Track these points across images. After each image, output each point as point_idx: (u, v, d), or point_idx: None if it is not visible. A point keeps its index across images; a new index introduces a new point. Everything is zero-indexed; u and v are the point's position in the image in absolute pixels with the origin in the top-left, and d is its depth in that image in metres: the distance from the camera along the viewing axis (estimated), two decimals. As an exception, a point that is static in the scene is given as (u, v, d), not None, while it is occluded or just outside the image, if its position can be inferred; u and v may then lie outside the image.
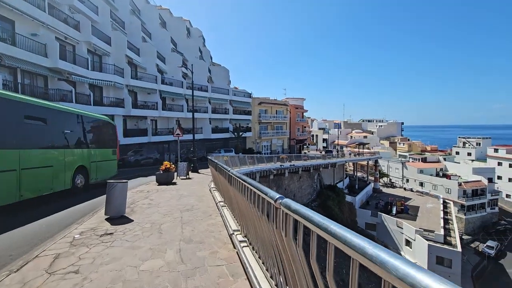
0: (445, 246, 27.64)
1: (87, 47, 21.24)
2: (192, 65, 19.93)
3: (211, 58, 41.28)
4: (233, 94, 38.67)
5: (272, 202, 2.04)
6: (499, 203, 46.62)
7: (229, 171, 3.76)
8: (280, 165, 25.34)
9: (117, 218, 5.46)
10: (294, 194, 30.35)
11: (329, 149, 74.67)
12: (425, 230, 30.03)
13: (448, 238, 29.34)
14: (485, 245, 38.28)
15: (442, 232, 29.46)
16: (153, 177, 11.79)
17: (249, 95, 41.65)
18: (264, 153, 43.78)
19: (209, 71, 37.06)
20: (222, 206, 5.53)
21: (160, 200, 7.65)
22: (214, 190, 7.65)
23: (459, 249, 26.97)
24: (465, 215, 43.12)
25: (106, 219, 5.44)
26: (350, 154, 45.05)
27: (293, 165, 27.42)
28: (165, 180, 10.91)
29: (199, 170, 17.91)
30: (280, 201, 1.96)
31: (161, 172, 11.04)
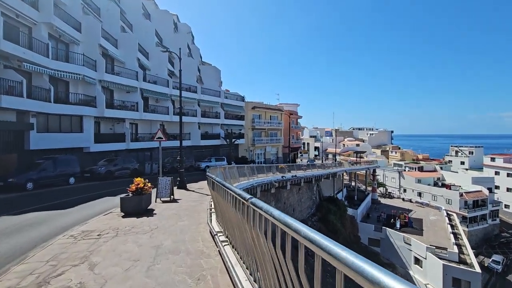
0: (462, 266, 24.88)
1: (48, 30, 17.10)
2: (180, 49, 16.13)
3: (201, 57, 37.73)
4: (225, 96, 35.11)
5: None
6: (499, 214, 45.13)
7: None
8: (282, 177, 21.89)
9: None
10: (294, 208, 27.02)
11: (311, 158, 71.62)
12: (437, 247, 27.24)
13: (462, 256, 26.64)
14: (490, 259, 36.04)
15: (455, 249, 26.81)
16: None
17: (242, 99, 38.21)
18: (258, 162, 40.21)
19: (199, 70, 33.42)
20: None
21: (110, 267, 3.89)
22: (225, 243, 3.77)
23: (478, 269, 24.24)
24: (467, 227, 41.04)
25: None
26: (351, 163, 42.23)
27: (295, 176, 24.04)
28: (135, 208, 7.02)
29: (188, 185, 14.07)
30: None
31: (130, 194, 7.24)
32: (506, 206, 47.56)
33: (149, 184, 7.56)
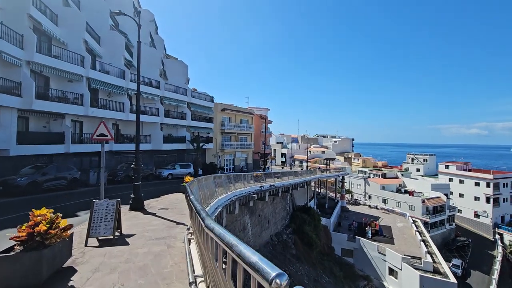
0: (437, 277, 24.44)
1: None
2: (140, 12, 12.34)
3: (165, 49, 33.49)
4: (192, 95, 31.31)
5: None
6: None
7: None
8: (260, 187, 19.07)
9: None
10: (269, 221, 24.37)
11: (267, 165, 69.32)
12: (412, 257, 26.69)
13: (435, 265, 26.40)
14: (451, 264, 37.24)
15: (429, 259, 26.52)
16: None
17: (211, 99, 34.73)
18: (227, 169, 36.89)
19: (163, 64, 29.25)
20: None
21: None
22: None
23: (453, 279, 23.91)
24: (429, 232, 42.32)
25: None
26: (323, 171, 41.08)
27: (273, 185, 21.40)
28: (24, 279, 3.07)
29: (146, 202, 10.39)
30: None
31: (16, 249, 3.20)
32: (459, 211, 50.79)
33: (65, 222, 3.80)
